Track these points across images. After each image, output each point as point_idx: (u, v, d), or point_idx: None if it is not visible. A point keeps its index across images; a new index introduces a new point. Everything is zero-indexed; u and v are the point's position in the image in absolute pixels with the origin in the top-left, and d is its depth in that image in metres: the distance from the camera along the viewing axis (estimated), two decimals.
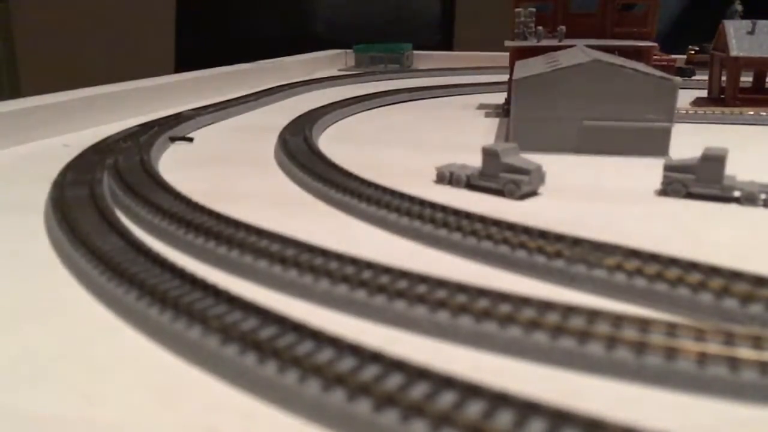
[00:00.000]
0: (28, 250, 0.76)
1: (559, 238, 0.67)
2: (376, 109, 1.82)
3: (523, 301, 0.54)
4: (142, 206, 0.82)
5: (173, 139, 1.33)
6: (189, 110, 1.59)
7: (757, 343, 0.47)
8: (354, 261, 0.62)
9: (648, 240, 0.67)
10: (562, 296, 0.59)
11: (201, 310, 0.53)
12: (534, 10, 1.62)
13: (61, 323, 0.58)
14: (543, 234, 0.69)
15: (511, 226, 0.71)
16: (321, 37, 3.56)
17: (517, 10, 1.63)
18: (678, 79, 1.17)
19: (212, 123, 1.58)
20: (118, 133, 1.29)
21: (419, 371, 0.43)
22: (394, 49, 2.84)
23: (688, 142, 1.12)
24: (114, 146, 1.16)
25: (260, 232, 0.70)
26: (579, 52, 1.30)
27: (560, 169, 1.03)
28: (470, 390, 0.41)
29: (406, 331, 0.55)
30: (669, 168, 0.93)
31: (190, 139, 1.37)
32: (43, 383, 0.48)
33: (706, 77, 1.88)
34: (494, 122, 1.57)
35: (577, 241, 0.66)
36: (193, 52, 3.63)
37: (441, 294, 0.55)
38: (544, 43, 1.57)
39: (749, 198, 0.87)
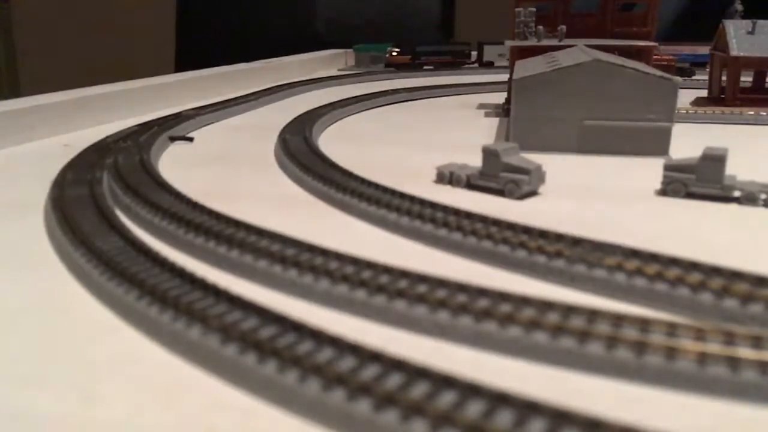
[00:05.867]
0: (28, 250, 0.76)
1: (559, 238, 0.67)
2: (375, 109, 1.82)
3: (523, 301, 0.54)
4: (142, 206, 0.82)
5: (173, 139, 1.33)
6: (189, 110, 1.59)
7: (757, 343, 0.47)
8: (354, 261, 0.62)
9: (648, 240, 0.67)
10: (562, 296, 0.59)
11: (201, 309, 0.53)
12: (534, 9, 1.62)
13: (61, 323, 0.58)
14: (543, 234, 0.69)
15: (511, 226, 0.71)
16: (321, 37, 3.56)
17: (517, 9, 1.63)
18: (678, 78, 1.17)
19: (212, 123, 1.58)
20: (118, 133, 1.29)
21: (419, 371, 0.43)
22: None
23: (688, 142, 1.12)
24: (114, 146, 1.16)
25: (260, 232, 0.70)
26: (579, 52, 1.30)
27: (560, 169, 1.03)
28: (470, 390, 0.41)
29: (406, 331, 0.55)
30: (669, 168, 0.93)
31: (190, 139, 1.37)
32: (43, 383, 0.48)
33: (706, 77, 1.88)
34: (494, 122, 1.57)
35: (577, 241, 0.66)
36: (193, 52, 3.63)
37: (441, 294, 0.55)
38: (545, 42, 1.57)
39: (749, 198, 0.87)
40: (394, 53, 2.74)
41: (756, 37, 1.60)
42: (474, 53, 2.83)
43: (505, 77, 1.66)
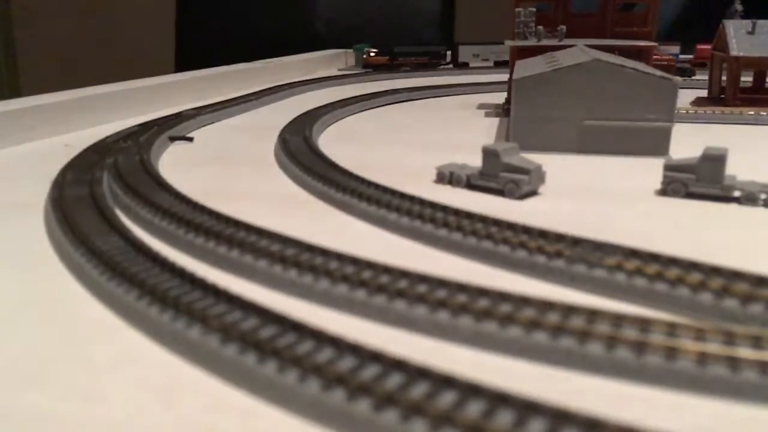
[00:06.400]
0: (28, 249, 0.76)
1: (559, 237, 0.67)
2: (376, 109, 1.82)
3: (523, 301, 0.54)
4: (142, 206, 0.82)
5: (173, 139, 1.33)
6: (189, 110, 1.59)
7: (757, 343, 0.47)
8: (354, 261, 0.62)
9: (648, 240, 0.67)
10: (562, 296, 0.59)
11: (201, 309, 0.53)
12: (534, 9, 1.62)
13: (61, 323, 0.58)
14: (543, 234, 0.69)
15: (511, 226, 0.71)
16: (321, 37, 3.56)
17: (517, 9, 1.63)
18: (678, 78, 1.17)
19: (212, 123, 1.58)
20: (118, 133, 1.29)
21: (419, 371, 0.43)
22: None
23: (688, 141, 1.12)
24: (114, 146, 1.16)
25: (260, 232, 0.70)
26: (579, 52, 1.30)
27: (560, 169, 1.03)
28: (470, 390, 0.41)
29: (406, 331, 0.55)
30: (669, 168, 0.93)
31: (190, 139, 1.37)
32: (43, 383, 0.48)
33: (706, 77, 1.88)
34: (494, 122, 1.57)
35: (577, 241, 0.66)
36: (193, 52, 3.63)
37: (441, 294, 0.55)
38: (545, 42, 1.57)
39: (749, 198, 0.87)
40: (372, 54, 2.70)
41: (756, 37, 1.60)
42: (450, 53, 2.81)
43: (505, 77, 1.66)
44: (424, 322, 0.54)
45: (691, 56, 2.44)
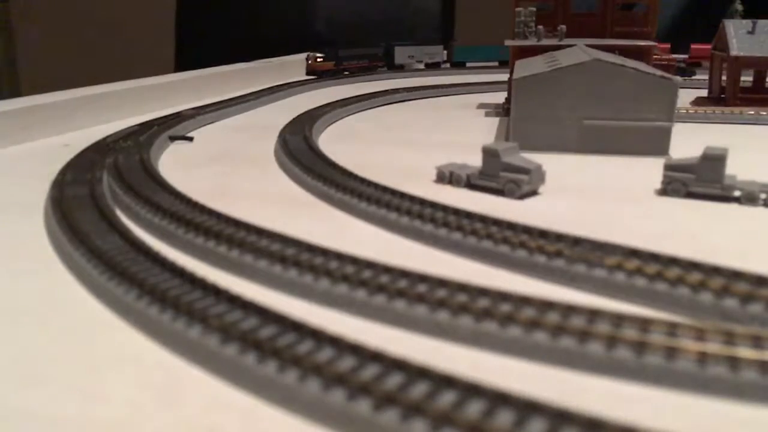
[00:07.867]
0: (28, 249, 0.76)
1: (559, 237, 0.67)
2: (375, 109, 1.82)
3: (523, 301, 0.54)
4: (142, 205, 0.82)
5: (173, 139, 1.33)
6: (189, 109, 1.59)
7: (757, 343, 0.47)
8: (354, 261, 0.62)
9: (648, 240, 0.67)
10: (562, 296, 0.59)
11: (201, 309, 0.53)
12: (534, 9, 1.62)
13: (61, 323, 0.58)
14: (543, 233, 0.69)
15: (512, 226, 0.71)
16: (321, 37, 3.57)
17: (517, 9, 1.63)
18: (678, 78, 1.17)
19: (212, 122, 1.58)
20: (117, 133, 1.29)
21: (419, 371, 0.43)
22: None
23: (688, 141, 1.12)
24: (114, 145, 1.16)
25: (260, 232, 0.70)
26: (579, 52, 1.30)
27: (560, 168, 1.03)
28: (470, 390, 0.41)
29: (406, 330, 0.55)
30: (669, 167, 0.93)
31: (190, 139, 1.37)
32: (43, 383, 0.48)
33: (706, 77, 1.88)
34: (494, 122, 1.57)
35: (577, 241, 0.66)
36: (193, 52, 3.63)
37: (441, 293, 0.55)
38: (545, 42, 1.57)
39: (749, 198, 0.87)
40: (318, 59, 2.46)
41: (756, 37, 1.60)
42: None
43: (505, 77, 1.66)
44: (424, 322, 0.54)
45: (686, 56, 2.44)
